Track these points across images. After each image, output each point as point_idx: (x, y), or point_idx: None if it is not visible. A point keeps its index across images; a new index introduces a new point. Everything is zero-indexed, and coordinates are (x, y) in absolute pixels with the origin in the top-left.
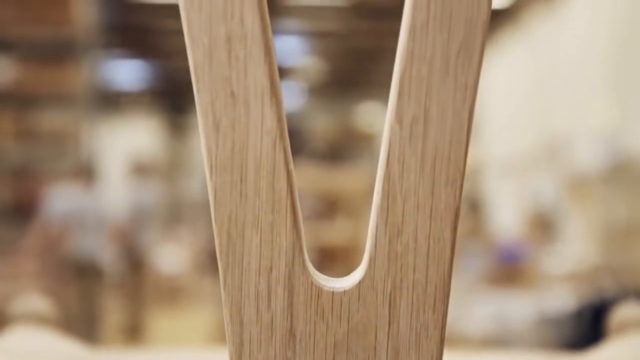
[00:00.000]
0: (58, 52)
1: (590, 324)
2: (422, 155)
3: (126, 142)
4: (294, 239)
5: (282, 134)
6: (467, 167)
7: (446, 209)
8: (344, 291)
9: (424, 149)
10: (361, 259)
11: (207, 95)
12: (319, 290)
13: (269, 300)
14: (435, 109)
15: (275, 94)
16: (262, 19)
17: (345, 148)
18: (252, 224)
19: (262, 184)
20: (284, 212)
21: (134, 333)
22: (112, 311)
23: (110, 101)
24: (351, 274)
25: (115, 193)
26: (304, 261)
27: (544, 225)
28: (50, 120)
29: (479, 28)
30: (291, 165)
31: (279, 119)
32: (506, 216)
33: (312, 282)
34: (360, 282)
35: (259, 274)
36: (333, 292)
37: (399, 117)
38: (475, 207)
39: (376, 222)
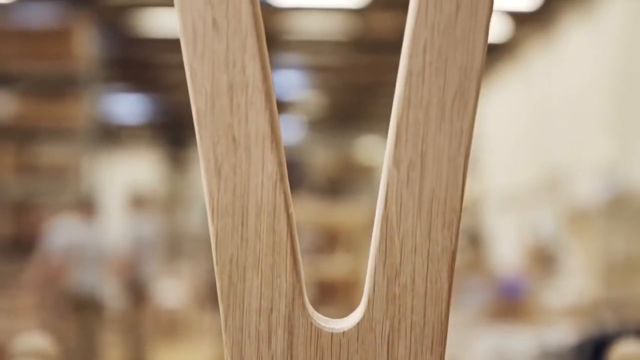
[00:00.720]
0: (59, 86)
1: (591, 359)
2: (419, 198)
3: (126, 175)
4: (294, 281)
5: (282, 178)
6: (467, 200)
7: (443, 251)
8: (343, 332)
9: (421, 192)
10: (361, 294)
11: (209, 140)
12: (319, 331)
13: (270, 341)
14: (431, 153)
15: (276, 140)
16: (263, 67)
17: (345, 181)
18: (253, 266)
19: (263, 226)
20: (284, 254)
21: None
22: (112, 345)
23: (111, 135)
24: (350, 315)
25: (115, 226)
26: (303, 302)
27: (544, 259)
28: (50, 153)
29: (473, 75)
30: (291, 209)
31: (280, 164)
32: (506, 249)
33: (311, 323)
34: (359, 324)
35: (260, 315)
36: (332, 333)
37: (396, 162)
38: (475, 240)
39: (374, 263)
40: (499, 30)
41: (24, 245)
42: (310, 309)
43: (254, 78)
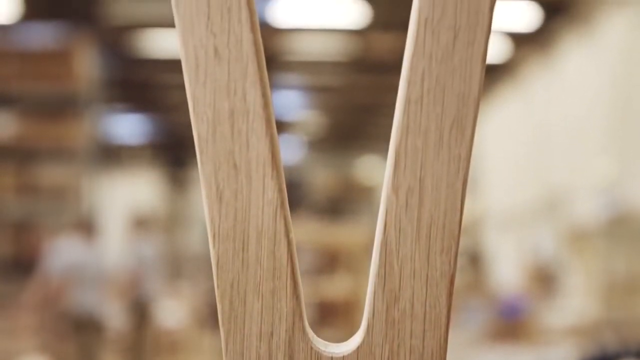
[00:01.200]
0: (59, 107)
1: None
2: (417, 223)
3: (127, 195)
4: (294, 305)
5: (282, 204)
6: (467, 220)
7: (442, 276)
8: (343, 357)
9: (419, 217)
10: (361, 314)
11: (211, 166)
12: (319, 356)
13: None
14: (430, 179)
15: (276, 166)
16: (264, 95)
17: (345, 201)
18: (254, 291)
19: (264, 252)
20: (284, 279)
21: None
22: None
23: (111, 155)
24: (350, 340)
25: (115, 246)
26: (303, 327)
27: (544, 279)
28: (51, 174)
29: (470, 102)
30: (291, 234)
31: (280, 190)
32: (506, 269)
33: (311, 348)
34: (358, 348)
35: (260, 340)
36: (332, 357)
37: (395, 187)
38: (475, 260)
39: (374, 288)
40: (498, 50)
41: (24, 265)
42: (310, 333)
43: (255, 105)
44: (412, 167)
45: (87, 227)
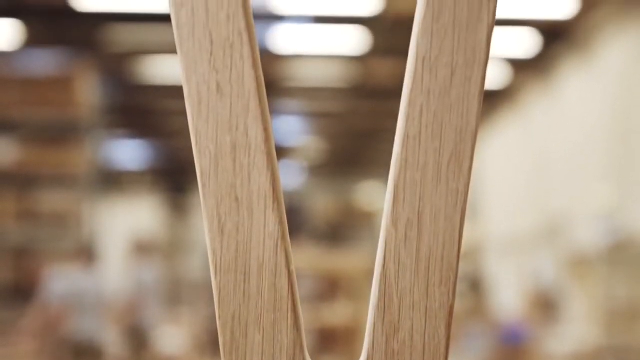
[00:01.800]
0: (61, 133)
1: None
2: (416, 256)
3: (127, 221)
4: (295, 337)
5: (283, 236)
6: (468, 246)
7: (440, 308)
8: None
9: (418, 250)
10: (362, 342)
11: (213, 200)
12: None
13: None
14: (428, 213)
15: (277, 199)
16: (266, 129)
17: (346, 227)
18: (255, 323)
19: (265, 284)
20: (285, 311)
21: None
22: None
23: (112, 181)
24: None
25: (116, 273)
26: (304, 358)
27: (545, 305)
28: (51, 200)
29: (468, 137)
30: (292, 266)
31: (281, 222)
32: (507, 296)
33: None
34: None
35: None
36: None
37: (394, 221)
38: (476, 286)
39: (373, 320)
40: (498, 76)
41: (24, 291)
42: None
43: (257, 139)
44: (411, 200)
45: (87, 253)
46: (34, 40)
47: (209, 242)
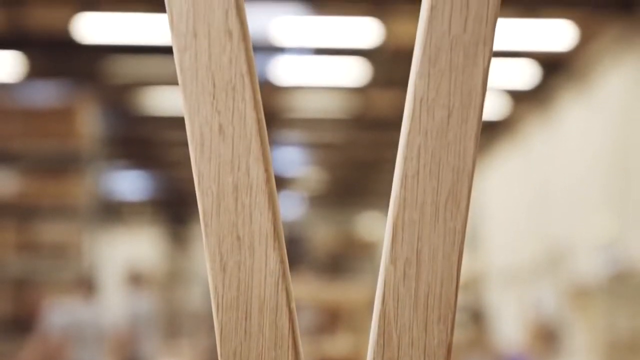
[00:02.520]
0: (61, 164)
1: None
2: (415, 293)
3: (127, 252)
4: None
5: (284, 275)
6: (469, 277)
7: (439, 345)
8: None
9: (417, 288)
10: None
11: (215, 239)
12: None
13: None
14: (426, 251)
15: (278, 238)
16: (266, 170)
17: (346, 257)
18: None
19: (266, 321)
20: (286, 348)
21: None
22: None
23: (112, 211)
24: None
25: (115, 304)
26: None
27: (546, 336)
28: (52, 231)
29: (465, 176)
30: (293, 304)
31: (282, 261)
32: (508, 326)
33: None
34: None
35: None
36: None
37: (393, 259)
38: (478, 317)
39: (373, 356)
40: (498, 107)
41: (23, 323)
42: None
43: (258, 180)
44: (410, 239)
45: (87, 284)
46: (35, 72)
47: (211, 280)
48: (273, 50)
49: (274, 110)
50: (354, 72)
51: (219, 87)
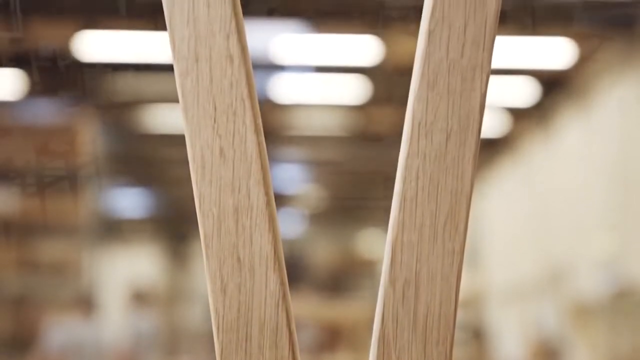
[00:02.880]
0: (61, 182)
1: None
2: (414, 316)
3: (127, 270)
4: None
5: (284, 296)
6: (469, 294)
7: None
8: None
9: (416, 309)
10: None
11: (216, 261)
12: None
13: None
14: (425, 273)
15: (279, 260)
16: (267, 193)
17: (346, 275)
18: None
19: (266, 343)
20: None
21: None
22: None
23: (113, 229)
24: None
25: (115, 322)
26: None
27: (547, 354)
28: (51, 250)
29: (463, 198)
30: (293, 325)
31: (282, 283)
32: (509, 345)
33: None
34: None
35: None
36: None
37: (392, 281)
38: (478, 335)
39: None
40: (497, 125)
41: (22, 343)
42: None
43: (259, 202)
44: (408, 261)
45: (86, 303)
46: (36, 89)
47: (212, 301)
48: (273, 68)
49: (274, 128)
50: (354, 90)
51: (220, 111)
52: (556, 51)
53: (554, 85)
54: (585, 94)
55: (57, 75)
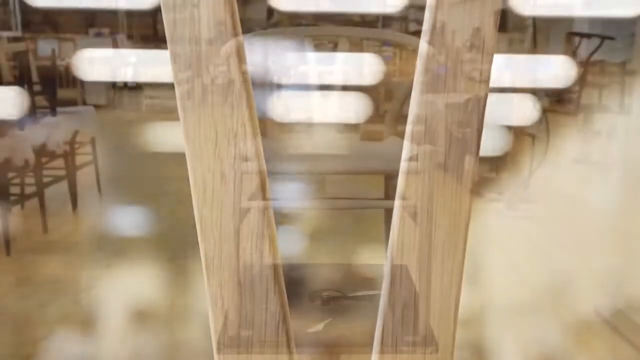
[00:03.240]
0: (61, 199)
1: None
2: (413, 336)
3: (128, 288)
4: None
5: (284, 317)
6: (470, 313)
7: None
8: None
9: (415, 330)
10: None
11: (217, 282)
12: None
13: None
14: (424, 295)
15: (278, 282)
16: (267, 215)
17: (347, 292)
18: None
19: None
20: None
21: None
22: None
23: (112, 247)
24: None
25: (115, 341)
26: None
27: None
28: (50, 267)
29: (462, 219)
30: (292, 345)
31: (282, 305)
32: None
33: None
34: None
35: None
36: None
37: (391, 304)
38: (479, 353)
39: None
40: (499, 142)
41: None
42: None
43: (259, 225)
44: (407, 282)
45: (85, 321)
46: (37, 107)
47: (212, 322)
48: (273, 86)
49: (274, 146)
50: (355, 108)
51: (220, 134)
52: (559, 70)
53: (556, 103)
54: (588, 112)
55: (57, 92)
